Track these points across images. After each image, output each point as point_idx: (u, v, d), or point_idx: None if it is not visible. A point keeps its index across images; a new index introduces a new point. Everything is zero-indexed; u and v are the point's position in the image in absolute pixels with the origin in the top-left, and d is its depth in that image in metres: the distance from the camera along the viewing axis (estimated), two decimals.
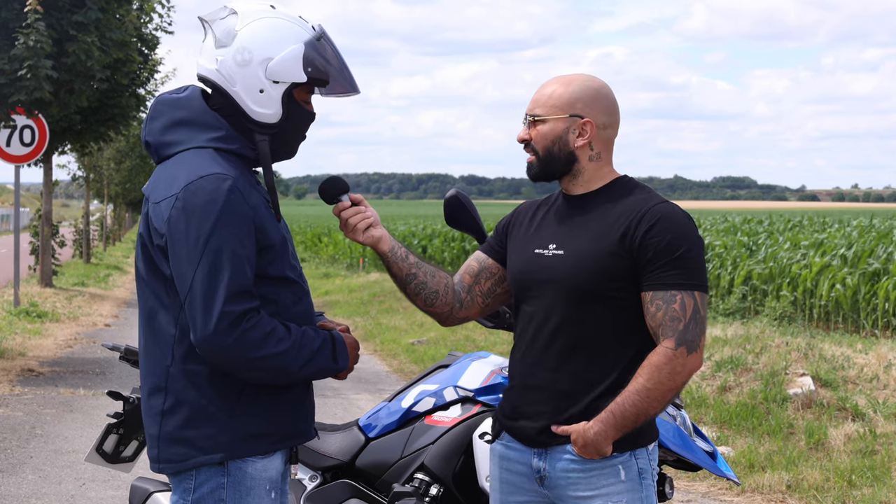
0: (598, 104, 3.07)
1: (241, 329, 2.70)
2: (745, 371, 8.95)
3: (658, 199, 3.01)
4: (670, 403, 3.18)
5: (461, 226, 3.76)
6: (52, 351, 12.93)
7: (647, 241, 2.93)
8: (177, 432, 2.82)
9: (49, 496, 6.53)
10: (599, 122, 3.06)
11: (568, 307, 3.02)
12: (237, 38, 2.85)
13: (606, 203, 3.04)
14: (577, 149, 3.06)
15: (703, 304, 2.94)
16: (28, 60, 11.57)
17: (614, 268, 2.96)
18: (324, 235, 44.50)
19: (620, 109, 3.17)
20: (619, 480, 3.00)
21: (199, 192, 2.73)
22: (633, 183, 3.09)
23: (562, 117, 3.06)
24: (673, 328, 2.91)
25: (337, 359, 2.88)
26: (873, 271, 17.26)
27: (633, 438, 3.00)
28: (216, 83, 2.87)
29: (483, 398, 3.79)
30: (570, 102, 3.06)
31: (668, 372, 2.90)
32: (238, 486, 2.83)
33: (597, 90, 3.08)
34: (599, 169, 3.08)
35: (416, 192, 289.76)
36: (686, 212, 3.01)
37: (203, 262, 2.70)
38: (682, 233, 2.95)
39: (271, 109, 2.88)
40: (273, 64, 2.84)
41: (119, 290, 23.79)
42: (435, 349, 12.91)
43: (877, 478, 6.78)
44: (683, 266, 2.92)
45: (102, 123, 19.34)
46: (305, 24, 2.91)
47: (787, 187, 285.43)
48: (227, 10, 2.90)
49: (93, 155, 27.70)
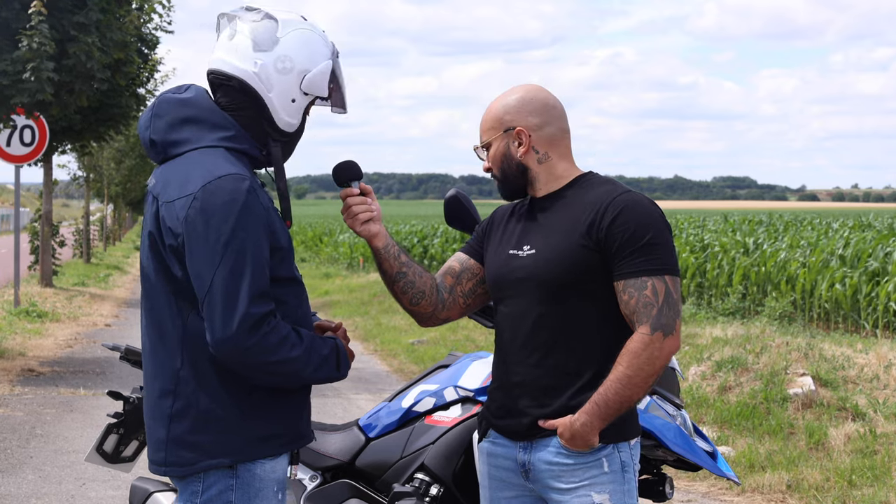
0: (523, 109, 3.14)
1: (262, 332, 2.70)
2: (746, 371, 8.95)
3: (622, 190, 3.07)
4: (666, 399, 3.18)
5: (461, 226, 3.77)
6: (52, 351, 12.94)
7: (612, 231, 2.99)
8: (185, 436, 2.80)
9: (49, 496, 6.53)
10: (530, 124, 3.13)
11: (543, 303, 3.07)
12: (279, 46, 2.87)
13: (571, 199, 3.10)
14: (522, 158, 3.14)
15: (675, 288, 3.00)
16: (31, 62, 11.56)
17: (585, 260, 3.02)
18: (324, 235, 44.50)
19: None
20: (602, 472, 3.05)
21: (218, 192, 2.72)
22: (598, 178, 3.15)
23: (499, 135, 3.16)
24: (647, 314, 2.97)
25: (340, 368, 2.91)
26: (873, 271, 17.26)
27: (618, 431, 3.05)
28: (248, 84, 2.87)
29: (483, 398, 3.80)
30: (500, 118, 3.16)
31: (647, 357, 2.96)
32: (247, 487, 2.83)
33: (520, 97, 3.16)
34: (553, 168, 3.15)
35: (417, 192, 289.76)
36: (651, 199, 3.07)
37: (224, 263, 2.69)
38: (646, 220, 3.00)
39: (295, 119, 2.93)
40: (309, 76, 2.90)
41: (119, 290, 23.79)
42: (435, 349, 12.91)
43: (877, 478, 6.78)
44: (650, 252, 2.98)
45: (102, 123, 19.36)
46: (328, 41, 2.98)
47: (786, 187, 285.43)
48: (261, 14, 2.91)
49: (93, 155, 27.71)
